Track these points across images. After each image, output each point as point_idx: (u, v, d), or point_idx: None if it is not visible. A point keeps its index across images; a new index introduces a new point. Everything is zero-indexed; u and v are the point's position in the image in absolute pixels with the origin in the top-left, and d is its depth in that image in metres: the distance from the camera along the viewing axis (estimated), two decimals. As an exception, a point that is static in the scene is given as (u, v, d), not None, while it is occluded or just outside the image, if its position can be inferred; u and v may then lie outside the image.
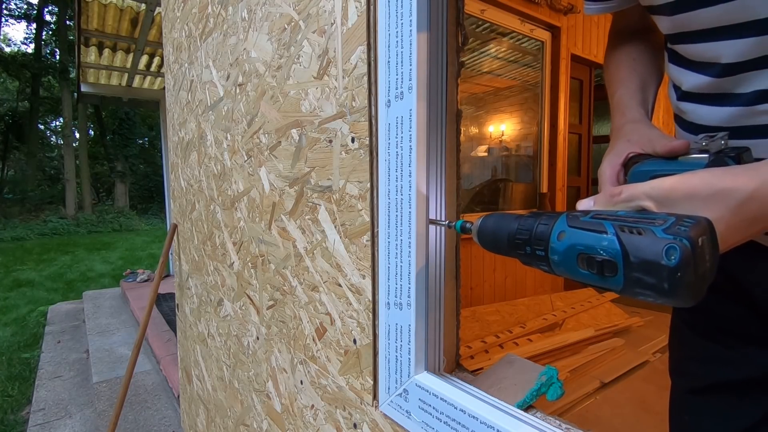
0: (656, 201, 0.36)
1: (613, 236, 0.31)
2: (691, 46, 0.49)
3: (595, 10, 0.63)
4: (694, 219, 0.30)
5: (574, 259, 0.34)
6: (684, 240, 0.28)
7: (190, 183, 1.47)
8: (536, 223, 0.37)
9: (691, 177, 0.36)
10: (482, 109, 3.47)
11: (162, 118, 5.36)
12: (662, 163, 0.45)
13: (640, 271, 0.29)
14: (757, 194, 0.33)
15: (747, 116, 0.46)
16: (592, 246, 0.32)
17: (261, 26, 0.89)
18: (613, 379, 2.21)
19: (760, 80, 0.43)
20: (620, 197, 0.38)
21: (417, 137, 0.53)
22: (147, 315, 1.90)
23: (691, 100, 0.51)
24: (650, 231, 0.30)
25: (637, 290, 0.30)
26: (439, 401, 0.53)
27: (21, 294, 5.46)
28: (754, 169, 0.34)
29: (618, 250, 0.31)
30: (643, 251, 0.29)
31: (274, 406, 0.96)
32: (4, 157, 16.96)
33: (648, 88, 0.59)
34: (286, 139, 0.83)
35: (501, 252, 0.42)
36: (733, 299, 0.56)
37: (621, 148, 0.51)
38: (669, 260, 0.28)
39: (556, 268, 0.36)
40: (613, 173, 0.50)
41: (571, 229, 0.34)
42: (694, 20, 0.47)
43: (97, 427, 2.29)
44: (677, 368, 0.65)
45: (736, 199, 0.33)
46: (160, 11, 3.19)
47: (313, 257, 0.77)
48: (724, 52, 0.45)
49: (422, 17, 0.53)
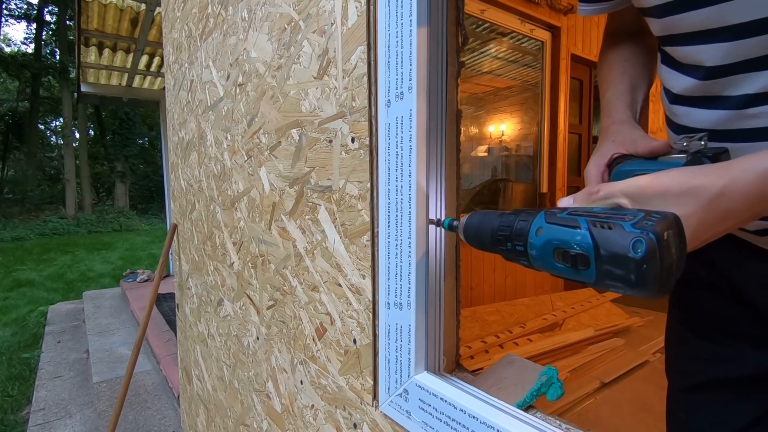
0: (631, 198, 0.37)
1: (585, 231, 0.33)
2: (679, 48, 0.50)
3: (589, 11, 0.63)
4: (662, 214, 0.32)
5: (550, 253, 0.35)
6: (650, 234, 0.29)
7: (190, 183, 1.47)
8: (516, 220, 0.39)
9: (665, 175, 0.37)
10: (482, 109, 3.48)
11: (162, 118, 5.36)
12: (643, 163, 0.47)
13: (610, 264, 0.31)
14: (726, 191, 0.34)
15: (736, 120, 0.46)
16: (567, 241, 0.34)
17: (261, 26, 0.89)
18: (613, 379, 2.21)
19: (748, 84, 0.44)
20: (597, 195, 0.39)
21: (417, 137, 0.53)
22: (147, 315, 1.90)
23: (682, 103, 0.52)
24: (620, 226, 0.31)
25: (607, 282, 0.32)
26: (439, 401, 0.53)
27: (21, 294, 5.46)
28: (724, 167, 0.36)
29: (590, 244, 0.32)
30: (612, 244, 0.31)
31: (274, 406, 0.96)
32: (4, 157, 16.97)
33: (638, 89, 0.60)
34: (286, 139, 0.83)
35: (485, 248, 0.43)
36: (728, 298, 0.56)
37: (606, 149, 0.52)
38: (636, 253, 0.29)
39: (534, 263, 0.37)
40: (598, 173, 0.52)
41: (548, 225, 0.36)
42: (680, 23, 0.48)
43: (97, 427, 2.29)
44: (673, 367, 0.65)
45: (706, 196, 0.35)
46: (160, 11, 3.19)
47: (313, 257, 0.77)
48: (706, 55, 0.47)
49: (422, 17, 0.53)
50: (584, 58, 3.70)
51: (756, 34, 0.42)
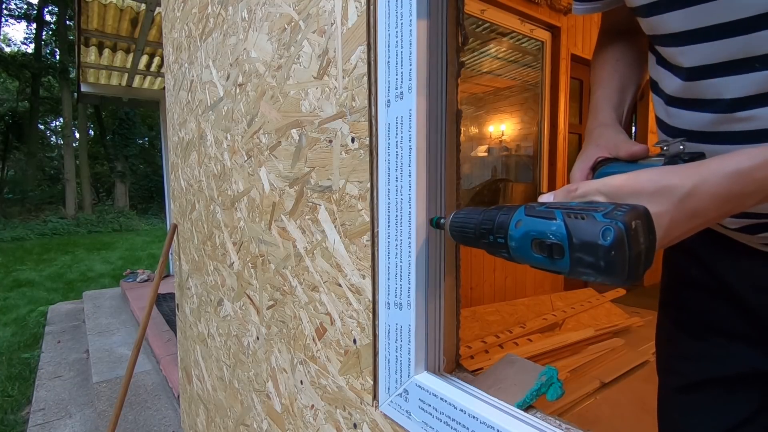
0: (607, 196, 0.39)
1: (560, 222, 0.35)
2: (664, 49, 0.51)
3: (582, 10, 0.63)
4: (631, 206, 0.33)
5: (528, 244, 0.37)
6: (618, 223, 0.31)
7: (190, 183, 1.47)
8: (498, 214, 0.41)
9: (639, 175, 0.38)
10: (482, 109, 3.48)
11: (162, 118, 5.35)
12: (623, 166, 0.49)
13: (582, 252, 0.33)
14: (695, 191, 0.36)
15: (724, 122, 0.47)
16: (543, 231, 0.36)
17: (261, 26, 0.89)
18: (613, 379, 2.21)
19: (735, 87, 0.44)
20: (576, 192, 0.41)
21: (417, 137, 0.53)
22: (147, 315, 1.90)
23: (674, 105, 0.52)
24: (591, 216, 0.33)
25: (580, 269, 0.33)
26: (439, 401, 0.53)
27: (21, 294, 5.46)
28: (694, 167, 0.37)
29: (564, 234, 0.34)
30: (583, 233, 0.33)
31: (274, 406, 0.96)
32: (4, 157, 16.96)
33: (627, 89, 0.60)
34: (286, 139, 0.83)
35: (469, 243, 0.45)
36: (719, 297, 0.56)
37: (590, 153, 0.54)
38: (605, 240, 0.31)
39: (514, 254, 0.39)
40: (582, 176, 0.54)
41: (527, 218, 0.38)
42: (662, 24, 0.48)
43: (97, 427, 2.29)
44: (665, 366, 0.65)
45: (677, 195, 0.36)
46: (160, 11, 3.19)
47: (313, 257, 0.77)
48: (684, 57, 0.48)
49: (422, 17, 0.53)
50: (584, 58, 3.69)
51: (734, 35, 0.42)
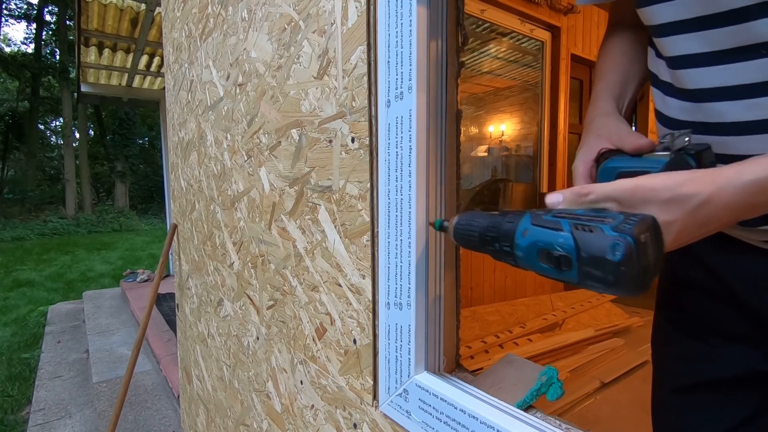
0: (618, 201, 0.38)
1: (568, 234, 0.34)
2: (656, 39, 0.52)
3: (585, 0, 0.63)
4: (640, 217, 0.33)
5: (535, 254, 0.37)
6: (628, 237, 0.31)
7: (190, 183, 1.47)
8: (503, 221, 0.41)
9: (653, 180, 0.38)
10: (482, 109, 3.48)
11: (162, 118, 5.35)
12: (628, 160, 0.49)
13: (590, 266, 0.32)
14: (711, 200, 0.36)
15: (695, 111, 0.48)
16: (551, 243, 0.35)
17: (261, 26, 0.89)
18: (613, 379, 2.21)
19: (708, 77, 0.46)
20: (587, 198, 0.40)
21: (417, 137, 0.53)
22: (147, 315, 1.90)
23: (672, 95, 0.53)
24: (599, 229, 0.33)
25: (589, 283, 0.33)
26: (439, 401, 0.53)
27: (21, 294, 5.46)
28: (711, 175, 0.37)
29: (572, 246, 0.34)
30: (592, 247, 0.32)
31: (274, 406, 0.96)
32: (4, 157, 16.95)
33: (629, 83, 0.60)
34: (286, 139, 0.83)
35: (473, 248, 0.45)
36: (717, 297, 0.56)
37: (592, 144, 0.53)
38: (614, 256, 0.31)
39: (520, 263, 0.39)
40: (585, 170, 0.52)
41: (533, 227, 0.37)
42: (652, 14, 0.50)
43: (97, 427, 2.29)
44: (661, 367, 0.65)
45: (691, 204, 0.36)
46: (160, 11, 3.19)
47: (313, 257, 0.77)
48: (667, 46, 0.49)
49: (422, 17, 0.53)
50: (584, 58, 3.69)
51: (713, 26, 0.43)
